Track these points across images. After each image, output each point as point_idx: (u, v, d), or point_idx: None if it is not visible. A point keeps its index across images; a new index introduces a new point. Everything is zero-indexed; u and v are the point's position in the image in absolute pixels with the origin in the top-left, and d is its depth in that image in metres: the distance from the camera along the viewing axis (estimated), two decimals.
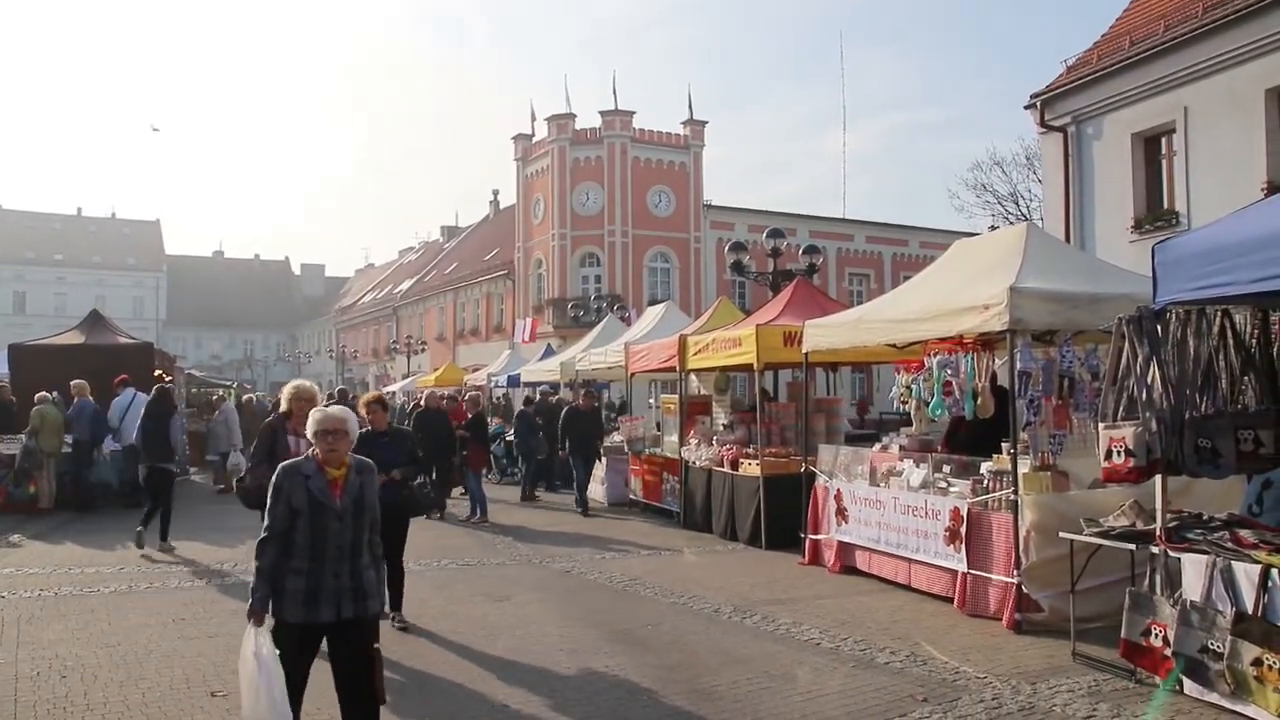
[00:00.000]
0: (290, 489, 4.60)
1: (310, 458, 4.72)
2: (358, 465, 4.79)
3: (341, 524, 4.61)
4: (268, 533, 4.59)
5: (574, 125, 40.60)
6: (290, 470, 4.69)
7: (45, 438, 15.14)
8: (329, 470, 4.68)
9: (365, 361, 65.62)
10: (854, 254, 44.99)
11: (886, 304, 10.30)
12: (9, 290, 79.45)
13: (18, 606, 8.78)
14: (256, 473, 7.37)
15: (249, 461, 7.97)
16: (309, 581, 4.54)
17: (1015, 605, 7.68)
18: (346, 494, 4.67)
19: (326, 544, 4.57)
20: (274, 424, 7.71)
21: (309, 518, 4.55)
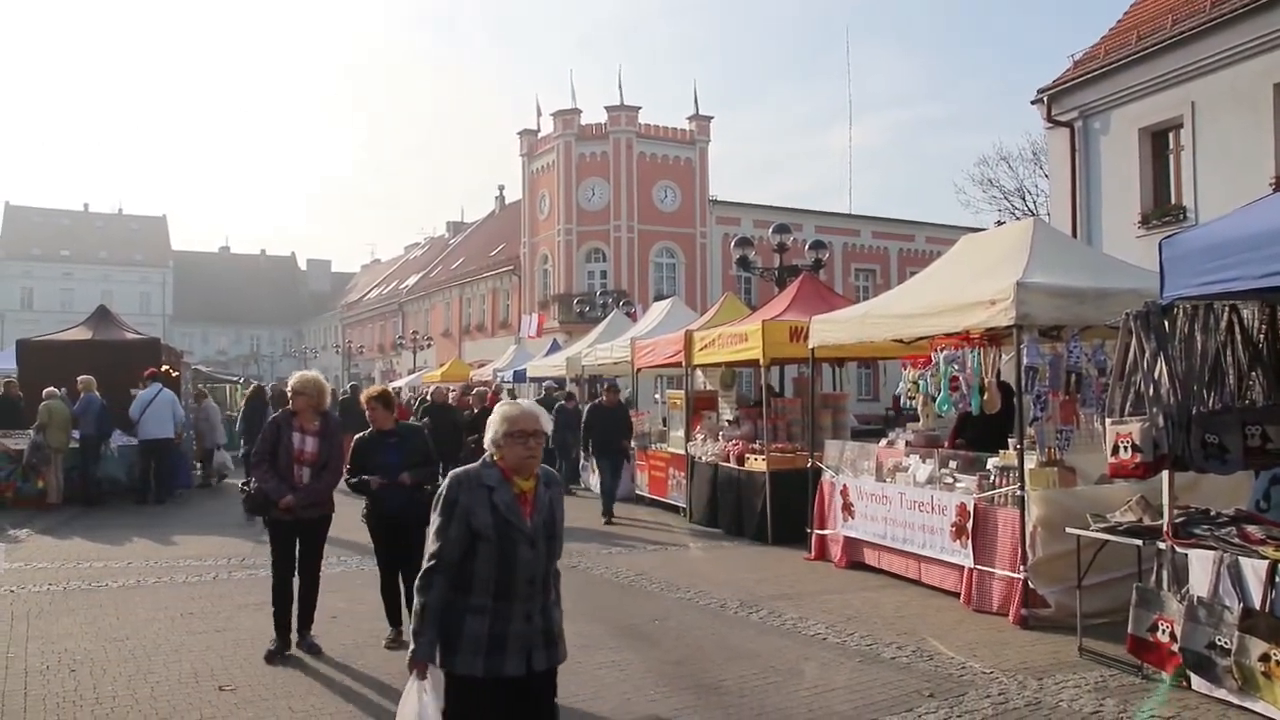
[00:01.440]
0: (470, 506, 3.66)
1: (491, 463, 3.80)
2: (545, 476, 3.88)
3: (534, 551, 3.68)
4: (435, 561, 3.65)
5: (579, 121, 40.58)
6: (468, 481, 3.73)
7: (53, 433, 15.19)
8: (517, 482, 3.77)
9: (371, 357, 65.72)
10: (860, 249, 44.93)
11: (893, 299, 10.29)
12: (17, 286, 79.67)
13: (27, 601, 8.81)
14: (259, 475, 7.00)
15: (253, 453, 7.41)
16: (493, 624, 3.63)
17: (1021, 601, 7.68)
18: (537, 512, 3.76)
19: (515, 576, 3.65)
20: (278, 420, 7.16)
21: (496, 543, 3.63)
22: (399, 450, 7.23)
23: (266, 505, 6.96)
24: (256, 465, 7.06)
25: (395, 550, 7.19)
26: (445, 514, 3.69)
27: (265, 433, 7.14)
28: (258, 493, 7.00)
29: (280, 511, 6.91)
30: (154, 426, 15.75)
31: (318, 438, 7.07)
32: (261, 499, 6.98)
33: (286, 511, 6.91)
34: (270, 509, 6.96)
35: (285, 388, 7.65)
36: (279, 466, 6.95)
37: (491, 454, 3.81)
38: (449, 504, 3.69)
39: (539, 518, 3.76)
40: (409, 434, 7.58)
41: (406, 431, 7.62)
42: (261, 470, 6.97)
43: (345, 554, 10.62)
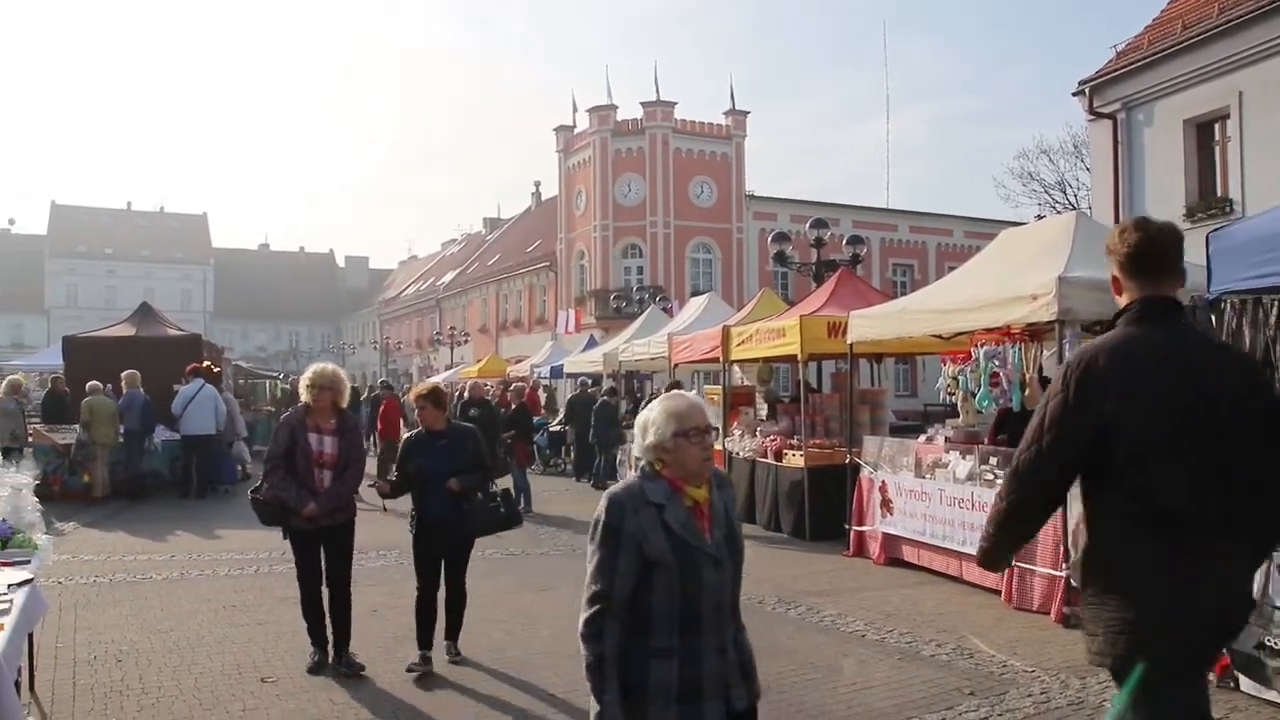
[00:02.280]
0: (640, 529, 2.99)
1: (653, 474, 3.09)
2: (717, 479, 3.21)
3: (719, 572, 3.04)
4: (603, 603, 2.97)
5: (615, 117, 40.58)
6: (630, 501, 3.04)
7: (97, 428, 15.40)
8: (689, 492, 3.09)
9: (409, 353, 66.17)
10: (897, 244, 44.59)
11: (932, 294, 10.22)
12: (62, 283, 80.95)
13: (74, 593, 8.96)
14: (273, 480, 6.40)
15: (266, 458, 6.68)
16: (683, 666, 2.99)
17: (1064, 599, 7.59)
18: (716, 525, 3.10)
19: (702, 606, 3.01)
20: (291, 421, 6.54)
21: (677, 570, 2.97)
22: (449, 453, 6.68)
23: (285, 514, 6.40)
24: (271, 471, 6.42)
25: (437, 558, 6.74)
26: (609, 545, 3.01)
27: (278, 435, 6.56)
28: (274, 501, 6.40)
29: (302, 521, 6.36)
30: (196, 422, 15.93)
31: (336, 437, 6.53)
32: (279, 508, 6.41)
33: (309, 520, 6.35)
34: (289, 518, 6.39)
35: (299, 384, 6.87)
36: (297, 471, 6.39)
37: (650, 462, 3.11)
38: (612, 532, 3.01)
39: (719, 531, 3.11)
40: (461, 436, 6.90)
41: (458, 433, 6.92)
42: (277, 476, 6.38)
43: (385, 549, 10.69)
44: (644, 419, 3.16)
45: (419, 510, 6.68)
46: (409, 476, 6.70)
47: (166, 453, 16.69)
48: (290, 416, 6.60)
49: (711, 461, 3.15)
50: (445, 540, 6.70)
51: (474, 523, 6.76)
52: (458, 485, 6.59)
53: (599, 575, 3.00)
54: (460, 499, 6.61)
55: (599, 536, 3.05)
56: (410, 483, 6.71)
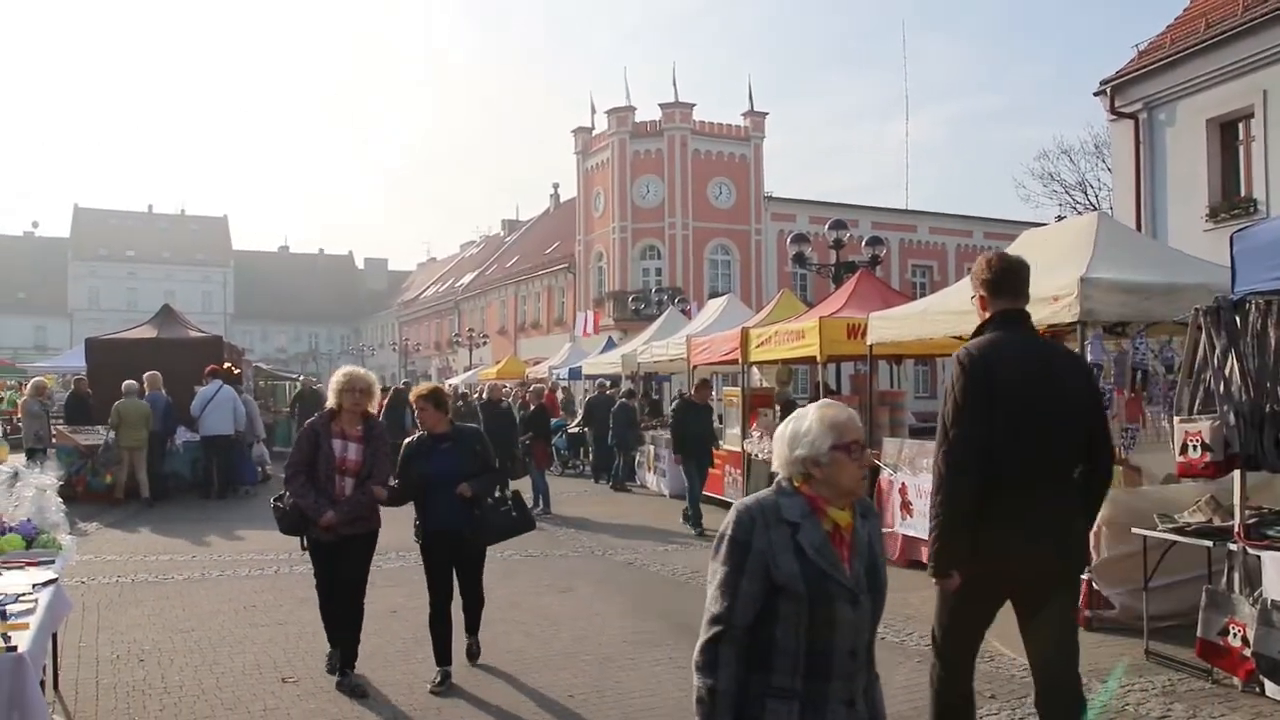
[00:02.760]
0: (769, 548, 2.67)
1: (791, 490, 2.76)
2: (862, 507, 2.86)
3: (856, 610, 2.69)
4: (722, 627, 2.64)
5: (634, 118, 40.61)
6: (762, 515, 2.72)
7: (124, 431, 15.46)
8: (830, 514, 2.74)
9: (428, 355, 66.36)
10: (917, 245, 44.43)
11: (953, 295, 10.16)
12: (84, 286, 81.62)
13: (96, 592, 9.02)
14: (294, 487, 6.15)
15: (287, 464, 6.43)
16: (805, 713, 2.66)
17: (1085, 602, 7.53)
18: (857, 555, 2.76)
19: (833, 647, 2.68)
20: (315, 426, 6.28)
21: (807, 601, 2.64)
22: (454, 456, 6.33)
23: (305, 523, 6.16)
24: (292, 478, 6.17)
25: (449, 570, 6.44)
26: (734, 561, 2.68)
27: (301, 440, 6.30)
28: (293, 509, 6.15)
29: (321, 530, 6.11)
30: (215, 423, 15.99)
31: (361, 443, 6.25)
32: (298, 516, 6.16)
33: (328, 530, 6.10)
34: (309, 527, 6.17)
35: (326, 386, 6.93)
36: (318, 479, 6.14)
37: (790, 476, 2.80)
38: (739, 547, 2.68)
39: (860, 563, 2.77)
40: (465, 438, 6.53)
41: (462, 435, 6.56)
42: (298, 483, 6.13)
43: (405, 550, 10.70)
44: (794, 429, 2.82)
45: (425, 519, 6.37)
46: (411, 483, 6.36)
47: (188, 454, 16.77)
48: (315, 421, 6.32)
49: (861, 483, 2.83)
50: (456, 549, 6.38)
51: (487, 529, 6.41)
52: (469, 490, 6.22)
53: (720, 596, 2.67)
54: (471, 505, 6.26)
55: (723, 552, 2.72)
56: (412, 490, 6.37)
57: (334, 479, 6.15)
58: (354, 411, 6.28)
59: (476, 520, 6.29)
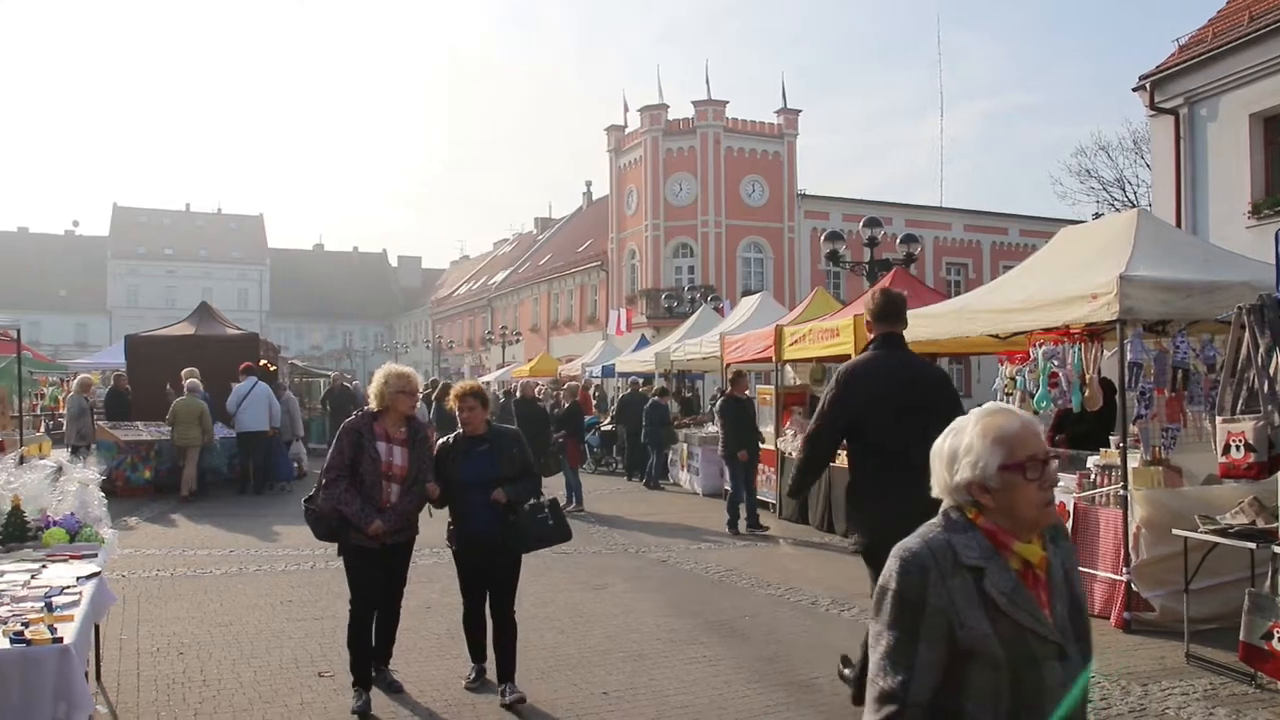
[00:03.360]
0: (951, 605, 2.14)
1: (963, 522, 2.23)
2: (1051, 530, 2.32)
3: (1065, 668, 2.17)
4: (897, 706, 2.12)
5: (666, 116, 40.57)
6: (934, 562, 2.17)
7: (179, 429, 15.71)
8: (1017, 549, 2.22)
9: (461, 352, 66.65)
10: (951, 243, 44.09)
11: (989, 293, 10.08)
12: (123, 284, 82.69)
13: (137, 586, 9.13)
14: (333, 493, 5.71)
15: (325, 468, 5.88)
16: None
17: (1124, 604, 7.45)
18: (1056, 596, 2.24)
19: (1042, 715, 2.16)
20: (357, 426, 5.85)
21: (1007, 667, 2.12)
22: (490, 460, 5.96)
23: (344, 529, 5.76)
24: (333, 483, 5.71)
25: (483, 577, 6.11)
26: (905, 624, 2.14)
27: (342, 442, 5.81)
28: (332, 514, 5.75)
29: (367, 539, 5.72)
30: (250, 419, 16.16)
31: (405, 447, 5.90)
32: (337, 522, 5.77)
33: (374, 539, 5.73)
34: (348, 533, 5.78)
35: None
36: (363, 485, 5.74)
37: (960, 505, 2.26)
38: (910, 607, 2.14)
39: (1060, 605, 2.25)
40: (503, 440, 6.09)
41: (500, 437, 6.11)
42: (339, 489, 5.69)
43: (438, 546, 10.74)
44: (952, 445, 2.29)
45: (460, 525, 6.03)
46: (446, 487, 6.02)
47: (225, 450, 16.94)
48: (356, 422, 5.86)
49: (1054, 506, 2.29)
50: (491, 557, 6.02)
51: (522, 536, 6.01)
52: (505, 496, 5.87)
53: (889, 667, 2.13)
54: (506, 511, 5.90)
55: (888, 611, 2.17)
56: (448, 494, 6.04)
57: (380, 485, 5.77)
58: (403, 412, 5.93)
59: (511, 527, 5.94)
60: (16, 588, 4.45)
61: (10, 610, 4.10)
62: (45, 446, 13.67)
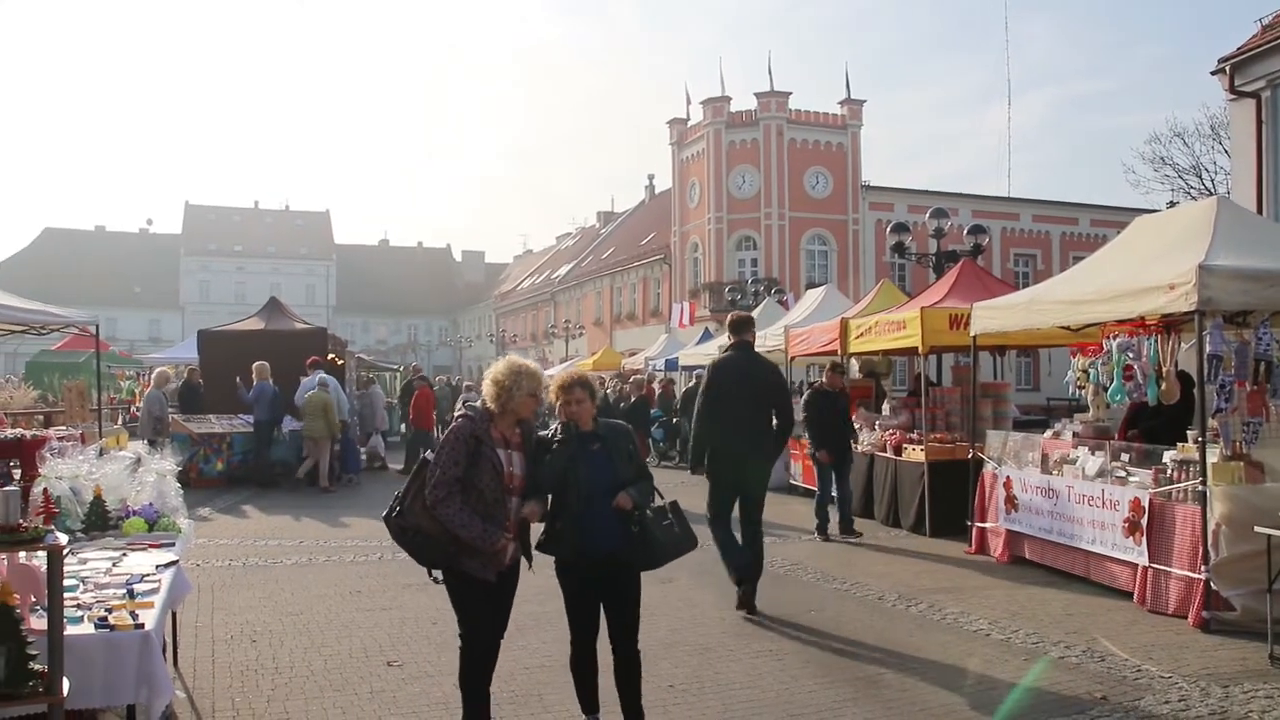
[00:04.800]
0: None
1: None
2: None
3: None
4: None
5: (729, 108, 40.39)
6: None
7: (309, 422, 16.15)
8: None
9: (524, 346, 67.08)
10: (1019, 234, 43.31)
11: (1060, 284, 9.88)
12: (195, 280, 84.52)
13: (211, 575, 9.33)
14: (447, 511, 4.66)
15: (434, 481, 4.73)
16: None
17: (1203, 603, 7.26)
18: None
19: None
20: (474, 431, 4.81)
21: None
22: (607, 460, 5.04)
23: (455, 553, 4.76)
24: (445, 500, 4.66)
25: (595, 603, 5.13)
26: None
27: (455, 449, 4.75)
28: (443, 537, 4.73)
29: (486, 566, 4.79)
30: None
31: (521, 453, 4.98)
32: (448, 544, 4.74)
33: (496, 565, 4.82)
34: (460, 559, 4.77)
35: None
36: (482, 500, 4.74)
37: None
38: None
39: None
40: (616, 437, 5.18)
41: (613, 434, 5.19)
42: (453, 507, 4.66)
43: None
44: None
45: (579, 540, 4.99)
46: (554, 493, 5.05)
47: (293, 442, 17.24)
48: (470, 425, 4.84)
49: None
50: (614, 578, 5.10)
51: (653, 549, 5.07)
52: (631, 501, 4.96)
53: None
54: (628, 519, 4.98)
55: None
56: (559, 504, 5.07)
57: (503, 500, 4.81)
58: (522, 413, 5.00)
59: (638, 539, 4.99)
60: (99, 575, 4.58)
61: (94, 596, 4.22)
62: (122, 439, 14.01)
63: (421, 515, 4.76)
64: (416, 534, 4.82)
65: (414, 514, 4.80)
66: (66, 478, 5.40)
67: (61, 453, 5.79)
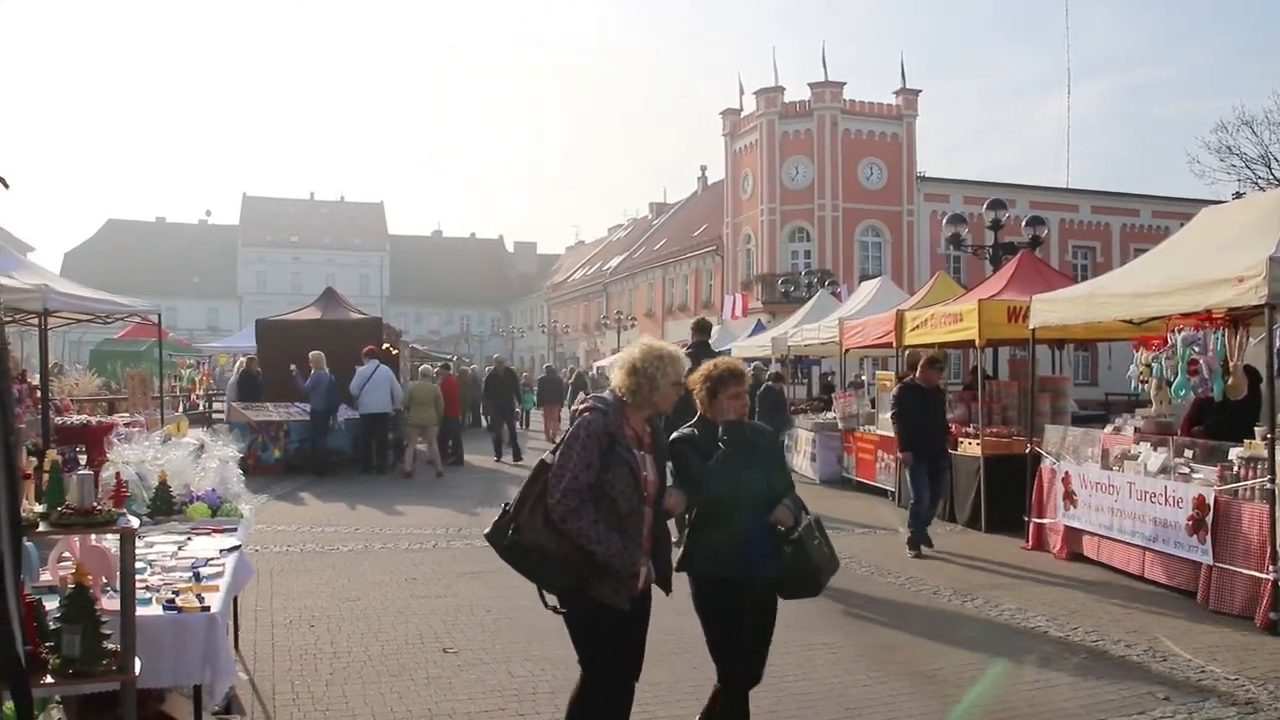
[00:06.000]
0: None
1: None
2: None
3: None
4: None
5: (782, 99, 40.17)
6: None
7: (414, 411, 16.68)
8: None
9: (575, 337, 67.31)
10: (1078, 225, 42.60)
11: (1123, 277, 9.71)
12: (253, 270, 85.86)
13: (269, 560, 9.48)
14: (580, 525, 3.84)
15: (563, 487, 3.86)
16: None
17: (1270, 603, 7.09)
18: None
19: None
20: (608, 427, 3.99)
21: None
22: (759, 465, 4.46)
23: (590, 578, 3.92)
24: (577, 510, 3.84)
25: (747, 629, 4.44)
26: None
27: (584, 444, 3.94)
28: (572, 557, 3.89)
29: (621, 592, 3.98)
30: (373, 401, 16.59)
31: (653, 454, 4.22)
32: (579, 566, 3.91)
33: (633, 587, 4.03)
34: (595, 583, 3.94)
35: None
36: (615, 510, 3.97)
37: None
38: None
39: None
40: (765, 438, 4.64)
41: (758, 436, 4.61)
42: (586, 519, 3.85)
43: None
44: None
45: (727, 556, 4.33)
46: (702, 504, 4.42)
47: (349, 431, 17.45)
48: (604, 420, 4.01)
49: None
50: (761, 604, 4.47)
51: (806, 573, 4.38)
52: (790, 516, 4.36)
53: None
54: (779, 538, 4.36)
55: None
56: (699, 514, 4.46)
57: (639, 512, 4.06)
58: (651, 408, 4.22)
59: (791, 561, 4.33)
60: (165, 558, 4.67)
61: (162, 579, 4.31)
62: (183, 426, 14.22)
63: (544, 531, 3.91)
64: (537, 554, 3.93)
65: (534, 530, 3.93)
66: (133, 463, 5.51)
67: (128, 438, 5.92)
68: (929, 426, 10.34)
